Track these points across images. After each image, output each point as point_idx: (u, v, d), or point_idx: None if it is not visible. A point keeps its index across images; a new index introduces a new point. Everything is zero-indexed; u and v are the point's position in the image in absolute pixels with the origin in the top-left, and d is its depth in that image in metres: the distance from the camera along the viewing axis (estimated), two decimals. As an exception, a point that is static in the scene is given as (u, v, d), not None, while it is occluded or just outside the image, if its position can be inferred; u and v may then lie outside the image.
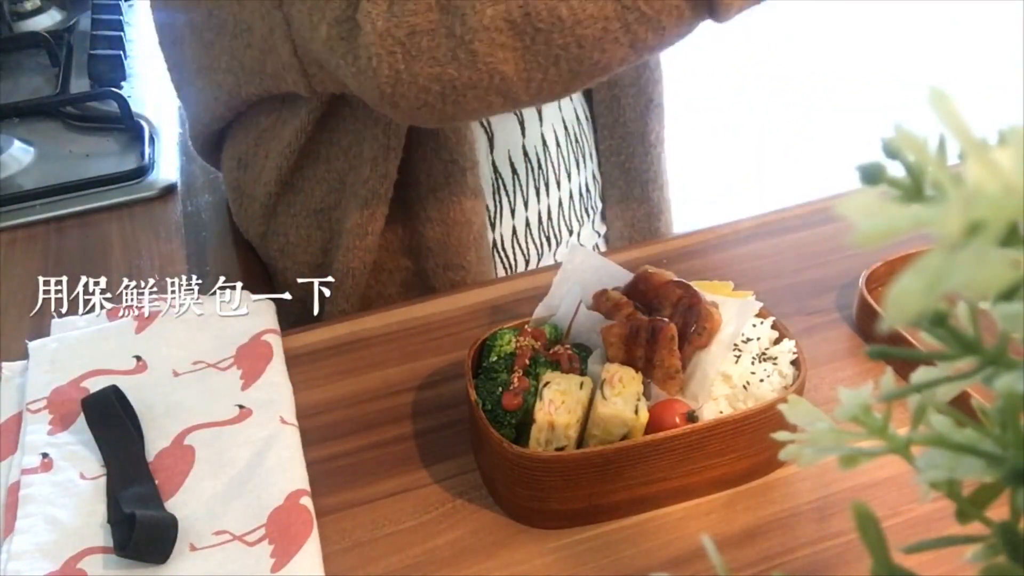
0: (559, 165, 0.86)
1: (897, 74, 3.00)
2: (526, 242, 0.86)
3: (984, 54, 3.10)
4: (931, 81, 0.20)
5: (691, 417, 0.55)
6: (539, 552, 0.54)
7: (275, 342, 0.68)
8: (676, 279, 0.60)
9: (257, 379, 0.65)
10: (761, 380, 0.57)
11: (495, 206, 0.82)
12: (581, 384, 0.55)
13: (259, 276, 0.85)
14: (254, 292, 0.73)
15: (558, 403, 0.53)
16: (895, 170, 0.25)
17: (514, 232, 0.85)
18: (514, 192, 0.83)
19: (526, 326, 0.60)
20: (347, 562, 0.54)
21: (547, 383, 0.54)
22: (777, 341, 0.60)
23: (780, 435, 0.33)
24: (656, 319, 0.57)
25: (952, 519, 0.30)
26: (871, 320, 0.67)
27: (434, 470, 0.59)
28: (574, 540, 0.55)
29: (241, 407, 0.63)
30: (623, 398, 0.53)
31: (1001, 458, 0.26)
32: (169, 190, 0.91)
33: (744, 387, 0.57)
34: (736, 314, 0.58)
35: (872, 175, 0.25)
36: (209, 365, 0.67)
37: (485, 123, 0.79)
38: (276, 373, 0.66)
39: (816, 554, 0.53)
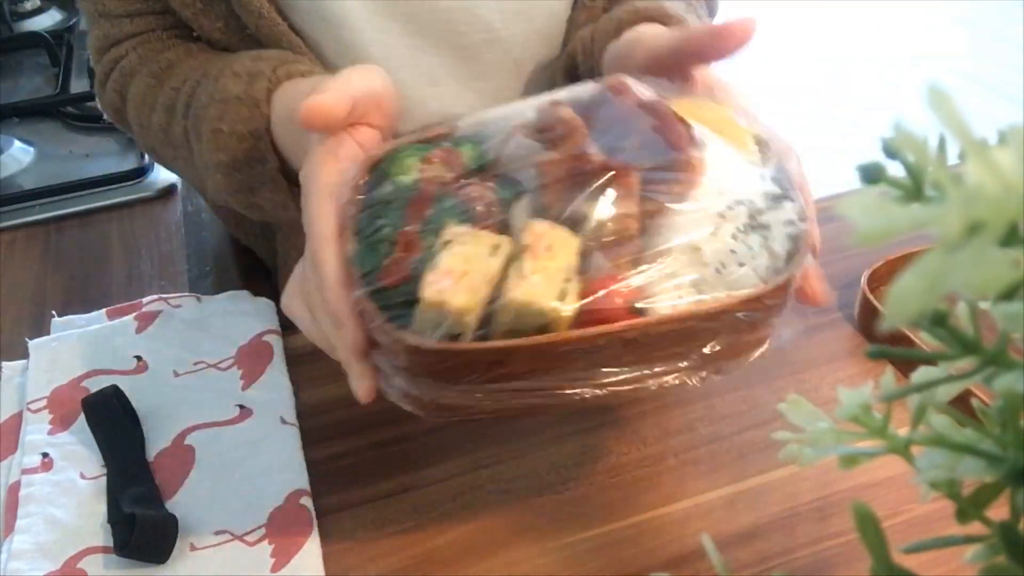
0: None
1: (897, 74, 3.00)
2: None
3: (984, 54, 3.10)
4: (931, 81, 0.20)
5: (635, 310, 0.40)
6: (539, 552, 0.54)
7: (276, 342, 0.68)
8: (653, 99, 0.43)
9: (257, 379, 0.65)
10: (741, 264, 0.42)
11: None
12: (495, 247, 0.40)
13: (259, 276, 0.85)
14: (254, 292, 0.73)
15: (457, 275, 0.39)
16: (895, 170, 0.25)
17: None
18: None
19: (438, 144, 0.45)
20: (347, 562, 0.54)
21: (448, 242, 0.40)
22: (775, 202, 0.43)
23: (780, 435, 0.33)
24: (612, 160, 0.41)
25: (952, 519, 0.30)
26: (873, 319, 0.67)
27: (434, 470, 0.59)
28: (574, 540, 0.55)
29: (241, 407, 0.63)
30: (546, 277, 0.38)
31: (1001, 458, 0.26)
32: (169, 190, 0.91)
33: (718, 270, 0.42)
34: (729, 162, 0.42)
35: (872, 175, 0.25)
36: (209, 365, 0.67)
37: None
38: (277, 373, 0.66)
39: (816, 554, 0.53)
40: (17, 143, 0.99)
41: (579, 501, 0.57)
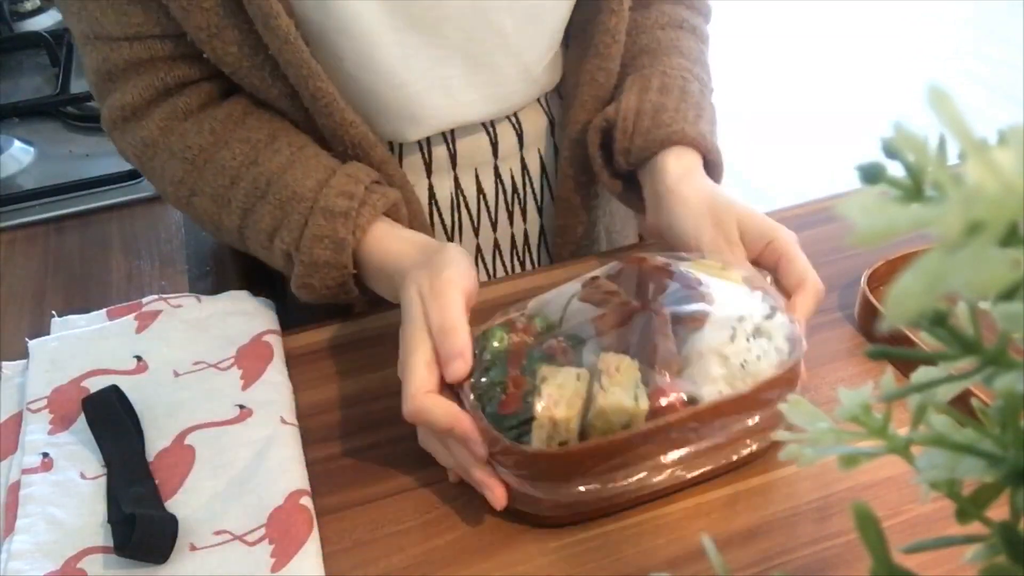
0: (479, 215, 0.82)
1: (897, 74, 3.00)
2: None
3: (985, 54, 3.10)
4: (931, 81, 0.20)
5: (691, 400, 0.53)
6: (539, 552, 0.54)
7: (275, 342, 0.68)
8: (664, 262, 0.58)
9: (257, 379, 0.65)
10: (758, 357, 0.55)
11: None
12: (578, 376, 0.53)
13: (259, 276, 0.85)
14: (254, 292, 0.73)
15: (556, 397, 0.52)
16: (895, 170, 0.25)
17: None
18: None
19: (516, 321, 0.59)
20: (347, 562, 0.54)
21: (544, 378, 0.53)
22: (770, 316, 0.58)
23: (780, 435, 0.33)
24: (648, 304, 0.56)
25: (952, 519, 0.30)
26: (873, 319, 0.67)
27: (434, 470, 0.59)
28: (574, 540, 0.55)
29: (241, 407, 0.63)
30: (622, 387, 0.52)
31: (1001, 458, 0.26)
32: (169, 190, 0.91)
33: (742, 366, 0.55)
34: (730, 294, 0.57)
35: (872, 175, 0.25)
36: (210, 365, 0.67)
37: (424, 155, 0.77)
38: (276, 373, 0.66)
39: (816, 554, 0.54)
40: (17, 143, 0.99)
41: (579, 501, 0.57)
